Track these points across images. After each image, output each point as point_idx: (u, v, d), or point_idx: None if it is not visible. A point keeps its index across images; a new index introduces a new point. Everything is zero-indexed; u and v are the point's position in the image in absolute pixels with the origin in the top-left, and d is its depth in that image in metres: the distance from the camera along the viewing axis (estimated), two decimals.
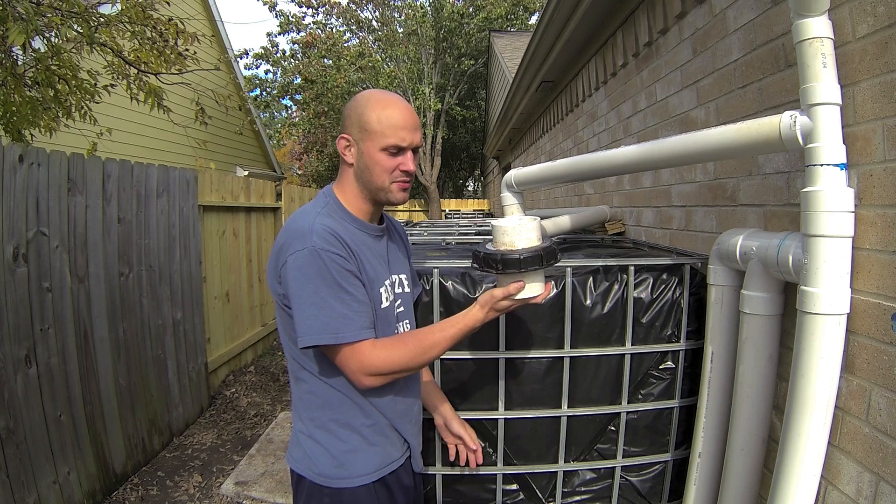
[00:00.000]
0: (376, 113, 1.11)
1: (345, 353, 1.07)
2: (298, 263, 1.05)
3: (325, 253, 1.04)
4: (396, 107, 1.12)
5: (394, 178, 1.14)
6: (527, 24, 14.31)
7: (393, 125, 1.10)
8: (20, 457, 2.14)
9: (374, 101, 1.13)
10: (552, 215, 2.80)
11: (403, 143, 1.11)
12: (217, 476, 2.95)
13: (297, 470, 1.19)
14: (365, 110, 1.12)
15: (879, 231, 1.03)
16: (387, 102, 1.12)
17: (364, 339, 1.07)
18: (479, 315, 1.12)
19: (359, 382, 1.09)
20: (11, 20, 2.67)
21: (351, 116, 1.14)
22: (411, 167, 1.15)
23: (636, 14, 2.40)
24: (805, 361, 1.04)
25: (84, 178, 2.62)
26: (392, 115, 1.11)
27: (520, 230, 1.12)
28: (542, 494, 1.65)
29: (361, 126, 1.12)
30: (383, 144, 1.11)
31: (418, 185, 14.27)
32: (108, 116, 4.71)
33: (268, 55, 14.31)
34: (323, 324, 1.04)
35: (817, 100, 1.02)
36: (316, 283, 1.04)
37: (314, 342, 1.04)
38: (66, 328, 2.47)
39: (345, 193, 1.18)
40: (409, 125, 1.12)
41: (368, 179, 1.14)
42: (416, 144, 1.14)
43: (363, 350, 1.06)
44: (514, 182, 2.18)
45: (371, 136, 1.11)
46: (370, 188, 1.15)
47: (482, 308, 1.12)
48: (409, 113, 1.13)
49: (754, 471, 1.36)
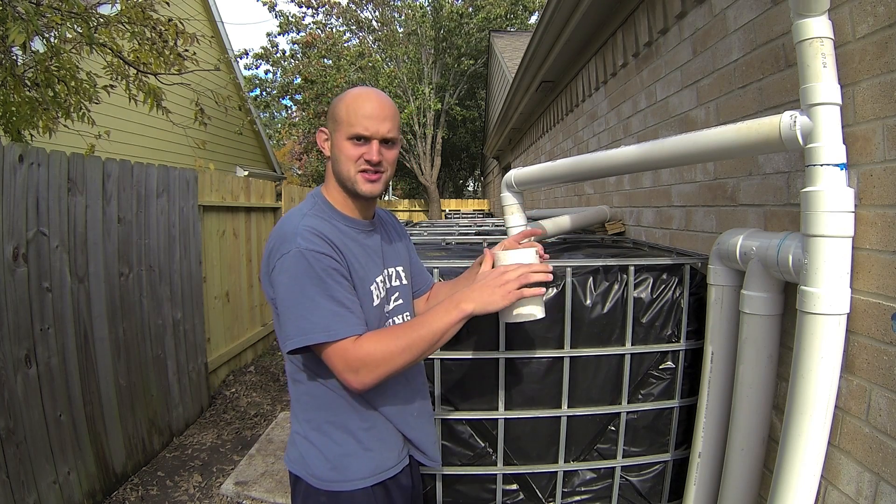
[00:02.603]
0: (346, 103, 1.13)
1: (331, 352, 1.04)
2: (285, 266, 1.05)
3: (310, 253, 1.04)
4: (367, 98, 1.13)
5: (358, 168, 1.13)
6: (527, 24, 14.31)
7: (359, 114, 1.11)
8: (20, 457, 2.14)
9: (350, 94, 1.15)
10: (552, 215, 2.81)
11: (366, 132, 1.11)
12: (217, 476, 2.95)
13: (293, 471, 1.19)
14: (339, 102, 1.15)
15: (879, 231, 1.03)
16: (359, 95, 1.14)
17: (352, 335, 1.04)
18: (473, 289, 1.07)
19: (347, 383, 1.05)
20: (11, 20, 2.67)
21: (330, 111, 1.18)
22: (374, 157, 1.12)
23: (636, 14, 2.40)
24: (805, 361, 1.04)
25: (84, 178, 2.62)
26: (360, 106, 1.12)
27: (518, 257, 1.14)
28: (542, 494, 1.65)
29: (333, 117, 1.15)
30: (348, 133, 1.12)
31: (418, 185, 14.27)
32: (108, 117, 4.71)
33: (268, 55, 14.31)
34: (313, 323, 1.03)
35: (817, 100, 1.03)
36: (302, 283, 1.04)
37: (305, 343, 1.03)
38: (66, 328, 2.47)
39: (330, 191, 1.19)
40: (375, 115, 1.11)
41: (338, 170, 1.15)
42: (381, 135, 1.12)
43: (346, 346, 1.04)
44: (514, 182, 2.18)
45: (339, 126, 1.13)
46: (340, 179, 1.16)
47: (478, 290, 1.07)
48: (379, 104, 1.13)
49: (754, 471, 1.36)
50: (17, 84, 3.08)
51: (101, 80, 3.67)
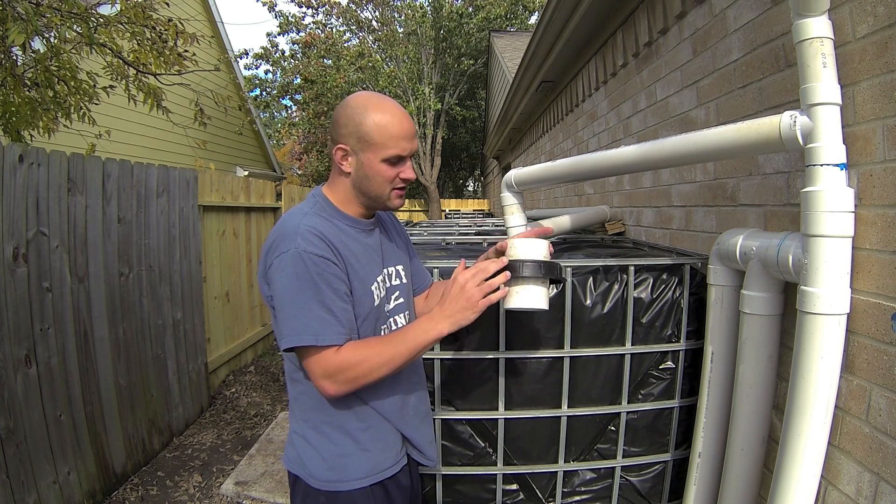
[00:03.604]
0: (375, 123, 1.09)
1: (311, 358, 1.05)
2: (283, 265, 1.05)
3: (308, 255, 1.04)
4: (395, 115, 1.11)
5: (394, 186, 1.15)
6: (527, 23, 14.31)
7: (393, 136, 1.10)
8: (20, 457, 2.14)
9: (371, 108, 1.11)
10: (552, 215, 2.81)
11: (404, 153, 1.12)
12: (217, 476, 2.95)
13: (291, 471, 1.19)
14: (364, 119, 1.10)
15: (879, 231, 1.03)
16: (384, 110, 1.11)
17: (338, 343, 1.05)
18: (445, 309, 1.08)
19: (322, 390, 1.06)
20: (11, 20, 2.67)
21: (348, 125, 1.11)
22: (411, 175, 1.16)
23: (636, 14, 2.40)
24: (805, 361, 1.04)
25: (84, 177, 2.62)
26: (392, 126, 1.10)
27: (529, 245, 1.16)
28: (542, 494, 1.65)
29: (360, 137, 1.10)
30: (385, 156, 1.11)
31: (418, 185, 14.28)
32: (108, 116, 4.71)
33: (268, 55, 14.32)
34: (303, 325, 1.03)
35: (817, 100, 1.02)
36: (299, 285, 1.04)
37: (294, 343, 1.04)
38: (66, 328, 2.47)
39: (334, 192, 1.18)
40: (407, 134, 1.12)
41: (367, 188, 1.14)
42: (414, 151, 1.16)
43: (326, 354, 1.04)
44: (514, 182, 2.18)
45: (371, 148, 1.10)
46: (369, 196, 1.15)
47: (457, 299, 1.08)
48: (407, 121, 1.13)
49: (754, 471, 1.36)
50: (17, 84, 3.08)
51: (102, 80, 3.67)
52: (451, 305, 1.08)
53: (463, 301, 1.08)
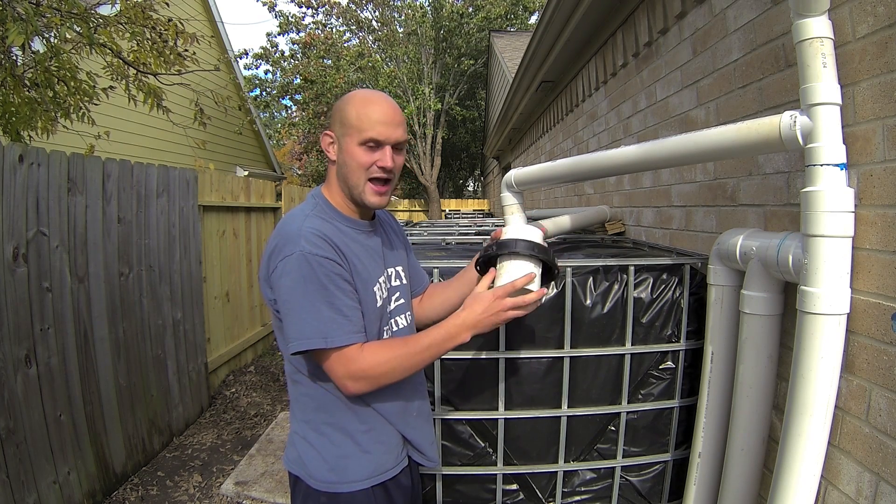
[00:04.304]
0: (356, 108, 1.11)
1: (332, 358, 1.06)
2: (288, 269, 1.04)
3: (314, 257, 1.04)
4: (377, 102, 1.12)
5: (370, 175, 1.12)
6: (527, 24, 14.31)
7: (372, 119, 1.09)
8: (20, 457, 2.14)
9: (358, 97, 1.13)
10: (552, 215, 2.81)
11: (380, 137, 1.10)
12: (217, 476, 2.95)
13: (292, 471, 1.19)
14: (347, 106, 1.12)
15: (879, 231, 1.03)
16: (369, 98, 1.12)
17: (353, 343, 1.06)
18: (470, 319, 1.10)
19: (344, 388, 1.08)
20: (11, 20, 2.67)
21: (335, 114, 1.15)
22: (388, 163, 1.12)
23: (636, 14, 2.40)
24: (805, 361, 1.04)
25: (84, 177, 2.62)
26: (372, 110, 1.10)
27: (524, 230, 1.18)
28: (542, 494, 1.65)
29: (342, 121, 1.12)
30: (361, 138, 1.10)
31: (418, 185, 14.27)
32: (108, 116, 4.71)
33: (267, 55, 14.31)
34: (313, 328, 1.03)
35: (817, 100, 1.03)
36: (305, 287, 1.04)
37: (304, 347, 1.04)
38: (66, 328, 2.47)
39: (332, 193, 1.18)
40: (388, 120, 1.10)
41: (346, 176, 1.14)
42: (394, 140, 1.12)
43: (350, 355, 1.05)
44: (514, 182, 2.18)
45: (350, 131, 1.11)
46: (347, 186, 1.15)
47: (478, 311, 1.10)
48: (391, 108, 1.12)
49: (754, 471, 1.36)
50: (17, 84, 3.08)
51: (101, 80, 3.67)
52: (483, 313, 1.10)
53: (493, 311, 1.10)
